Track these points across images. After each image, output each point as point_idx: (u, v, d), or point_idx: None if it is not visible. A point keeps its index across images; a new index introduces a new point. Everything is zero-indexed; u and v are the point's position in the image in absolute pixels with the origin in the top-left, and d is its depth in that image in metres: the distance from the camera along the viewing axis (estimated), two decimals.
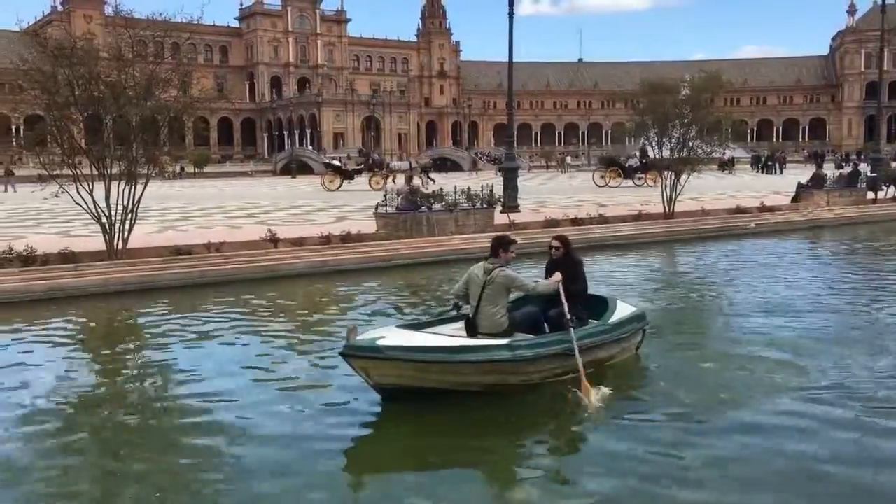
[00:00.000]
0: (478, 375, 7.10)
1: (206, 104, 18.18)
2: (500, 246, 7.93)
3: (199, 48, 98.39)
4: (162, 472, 5.99)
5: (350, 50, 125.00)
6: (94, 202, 14.60)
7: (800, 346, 9.11)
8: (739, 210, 24.57)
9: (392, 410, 6.99)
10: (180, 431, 6.82)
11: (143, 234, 17.03)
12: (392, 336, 6.98)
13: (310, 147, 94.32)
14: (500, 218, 20.97)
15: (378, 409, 7.06)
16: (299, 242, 17.28)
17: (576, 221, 21.23)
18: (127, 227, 15.18)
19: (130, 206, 15.06)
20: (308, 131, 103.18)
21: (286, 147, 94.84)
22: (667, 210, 22.84)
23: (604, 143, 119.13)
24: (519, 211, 23.66)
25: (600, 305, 8.46)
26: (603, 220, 21.75)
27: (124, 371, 9.01)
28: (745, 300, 12.34)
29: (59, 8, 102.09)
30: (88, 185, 14.67)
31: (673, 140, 23.07)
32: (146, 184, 15.52)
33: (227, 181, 63.11)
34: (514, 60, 26.13)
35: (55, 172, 14.88)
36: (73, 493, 5.67)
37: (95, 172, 15.03)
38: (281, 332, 10.81)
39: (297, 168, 71.62)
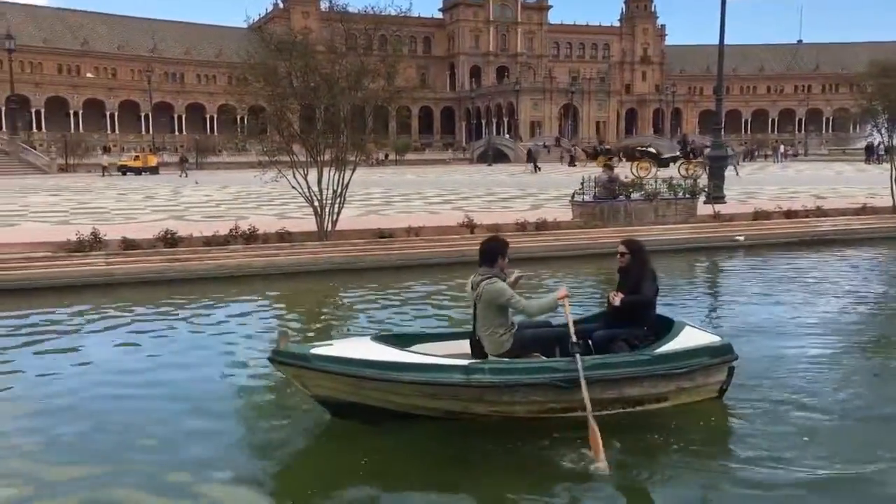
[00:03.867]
0: (425, 399, 6.04)
1: (409, 94, 18.81)
2: (496, 251, 6.43)
3: (405, 40, 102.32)
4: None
5: (550, 37, 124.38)
6: (308, 187, 15.64)
7: None
8: None
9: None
10: None
11: (349, 217, 17.99)
12: (341, 346, 6.30)
13: (506, 135, 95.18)
14: (703, 209, 19.99)
15: None
16: (495, 229, 17.44)
17: (789, 214, 19.78)
18: (336, 210, 16.12)
19: (339, 191, 15.97)
20: (505, 120, 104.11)
21: (483, 135, 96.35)
22: None
23: (824, 131, 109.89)
24: (725, 202, 22.42)
25: (664, 329, 6.77)
26: (821, 212, 20.06)
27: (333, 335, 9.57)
28: None
29: (280, 5, 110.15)
30: (303, 170, 15.75)
31: None
32: (354, 170, 16.38)
33: (426, 168, 65.28)
34: (725, 43, 24.70)
35: (274, 159, 16.11)
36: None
37: (309, 159, 16.08)
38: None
39: (493, 156, 72.54)
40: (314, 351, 6.03)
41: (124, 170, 58.15)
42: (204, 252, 14.80)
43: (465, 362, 6.05)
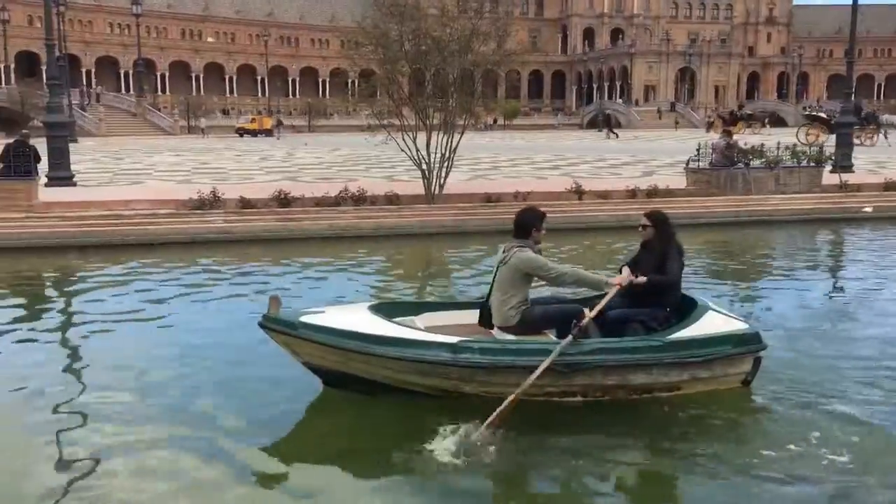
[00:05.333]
0: (413, 375, 5.73)
1: (520, 57, 18.57)
2: (531, 222, 6.09)
3: (517, 1, 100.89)
4: None
5: None
6: (417, 150, 15.76)
7: None
8: None
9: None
10: None
11: (456, 181, 18.03)
12: (332, 313, 6.01)
13: (619, 100, 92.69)
14: (828, 178, 18.91)
15: None
16: (604, 195, 17.12)
17: None
18: (444, 174, 16.19)
19: (447, 155, 16.01)
20: (618, 84, 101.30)
21: (594, 100, 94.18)
22: None
23: None
24: (853, 171, 21.11)
25: (686, 312, 6.18)
26: None
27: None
28: None
29: None
30: (412, 134, 15.86)
31: None
32: (462, 134, 16.36)
33: (535, 133, 64.51)
34: (859, 2, 23.02)
35: (384, 122, 16.29)
36: None
37: (418, 122, 16.16)
38: None
39: (604, 122, 70.93)
40: (303, 318, 5.77)
41: (241, 132, 60.27)
42: (315, 212, 15.22)
43: (454, 339, 5.66)
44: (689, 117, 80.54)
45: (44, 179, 17.64)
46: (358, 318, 5.86)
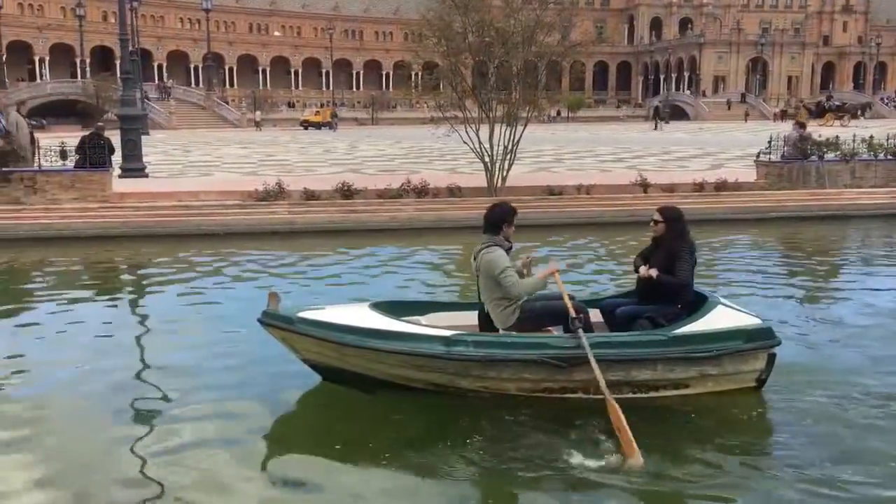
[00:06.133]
0: (408, 370, 5.64)
1: (585, 48, 18.33)
2: (502, 218, 5.90)
3: None
4: None
5: None
6: (479, 142, 15.69)
7: None
8: None
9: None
10: None
11: (519, 174, 17.89)
12: (332, 310, 5.94)
13: (686, 91, 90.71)
14: None
15: None
16: (670, 189, 16.76)
17: None
18: (506, 166, 16.09)
19: (510, 147, 15.90)
20: (686, 75, 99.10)
21: (661, 91, 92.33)
22: None
23: None
24: None
25: (697, 307, 5.92)
26: None
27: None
28: None
29: None
30: (475, 126, 15.80)
31: None
32: (525, 126, 16.23)
33: (599, 126, 63.70)
34: None
35: (448, 115, 16.27)
36: None
37: (481, 115, 16.09)
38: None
39: (670, 113, 69.57)
40: (301, 314, 5.78)
41: (306, 125, 61.18)
42: (378, 204, 15.31)
43: (447, 333, 5.56)
44: (760, 108, 78.31)
45: (117, 171, 18.20)
46: (356, 315, 5.82)
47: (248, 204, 15.22)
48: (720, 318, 5.72)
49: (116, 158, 17.96)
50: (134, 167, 19.47)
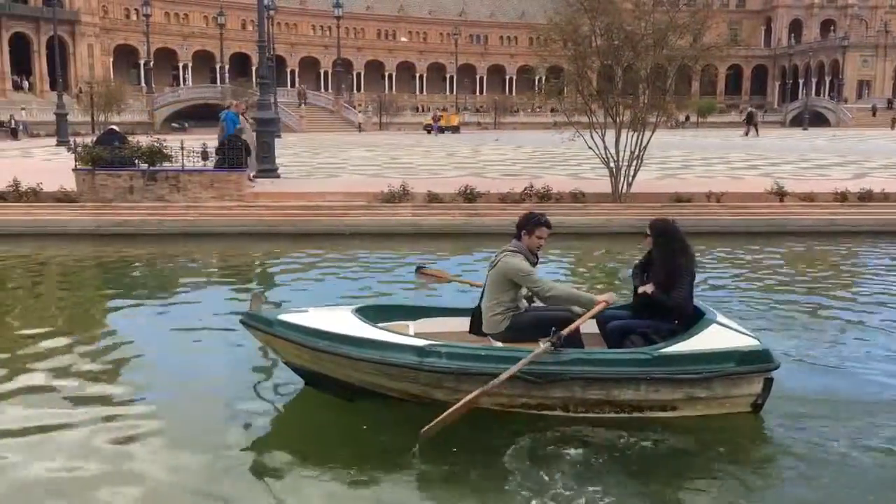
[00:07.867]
0: (382, 378, 5.45)
1: (719, 51, 17.62)
2: (522, 225, 5.88)
3: None
4: None
5: None
6: (605, 147, 15.39)
7: None
8: None
9: None
10: None
11: (645, 180, 17.42)
12: (314, 314, 5.82)
13: (827, 97, 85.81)
14: None
15: None
16: (809, 198, 15.88)
17: None
18: (632, 172, 15.71)
19: (637, 152, 15.51)
20: (827, 79, 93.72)
21: (800, 96, 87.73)
22: None
23: None
24: None
25: (692, 324, 5.58)
26: None
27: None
28: None
29: None
30: (600, 131, 15.51)
31: None
32: (653, 131, 15.79)
33: (730, 131, 61.19)
34: None
35: (573, 119, 16.04)
36: None
37: (607, 119, 15.78)
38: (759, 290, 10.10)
39: (809, 119, 66.01)
40: (281, 317, 5.74)
41: (429, 128, 62.05)
42: (500, 208, 15.30)
43: (421, 343, 5.39)
44: None
45: (252, 171, 19.05)
46: (335, 319, 5.75)
47: (374, 205, 15.57)
48: (713, 337, 5.41)
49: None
50: (267, 168, 20.29)
